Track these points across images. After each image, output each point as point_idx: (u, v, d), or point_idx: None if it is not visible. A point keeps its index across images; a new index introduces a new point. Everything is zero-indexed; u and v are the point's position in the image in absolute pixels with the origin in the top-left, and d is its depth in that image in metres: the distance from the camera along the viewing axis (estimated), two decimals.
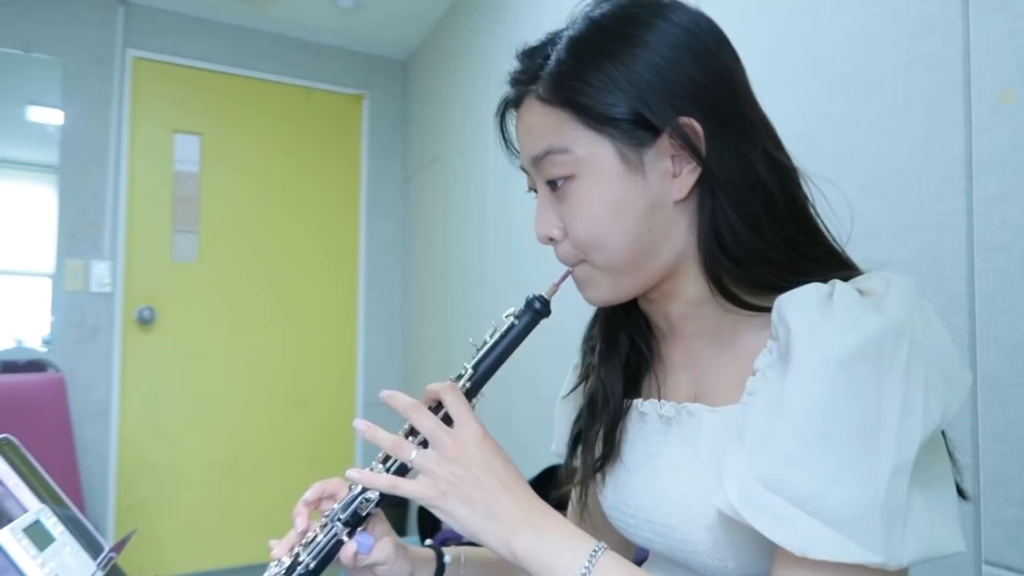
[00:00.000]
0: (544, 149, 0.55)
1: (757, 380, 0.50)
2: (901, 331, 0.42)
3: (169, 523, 2.62)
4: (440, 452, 0.53)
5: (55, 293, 2.47)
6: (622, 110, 0.51)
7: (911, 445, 0.41)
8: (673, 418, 0.57)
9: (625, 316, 0.65)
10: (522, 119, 0.58)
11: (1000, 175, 0.80)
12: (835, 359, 0.42)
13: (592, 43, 0.54)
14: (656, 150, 0.53)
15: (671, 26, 0.53)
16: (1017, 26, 0.79)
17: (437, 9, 2.74)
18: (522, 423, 1.97)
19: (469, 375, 0.57)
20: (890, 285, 0.46)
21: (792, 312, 0.46)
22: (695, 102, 0.52)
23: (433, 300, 2.81)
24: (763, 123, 0.56)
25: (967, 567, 0.82)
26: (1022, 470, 0.77)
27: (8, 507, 0.62)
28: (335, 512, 0.57)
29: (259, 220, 2.89)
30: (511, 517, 0.51)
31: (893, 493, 0.40)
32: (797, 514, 0.41)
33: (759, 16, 1.17)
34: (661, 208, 0.54)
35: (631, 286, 0.57)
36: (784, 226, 0.52)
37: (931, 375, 0.42)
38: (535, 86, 0.56)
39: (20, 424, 2.00)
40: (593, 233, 0.54)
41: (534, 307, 0.58)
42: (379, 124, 3.17)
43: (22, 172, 2.66)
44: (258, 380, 2.84)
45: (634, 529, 0.60)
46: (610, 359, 0.65)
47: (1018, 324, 0.78)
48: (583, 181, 0.54)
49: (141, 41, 2.68)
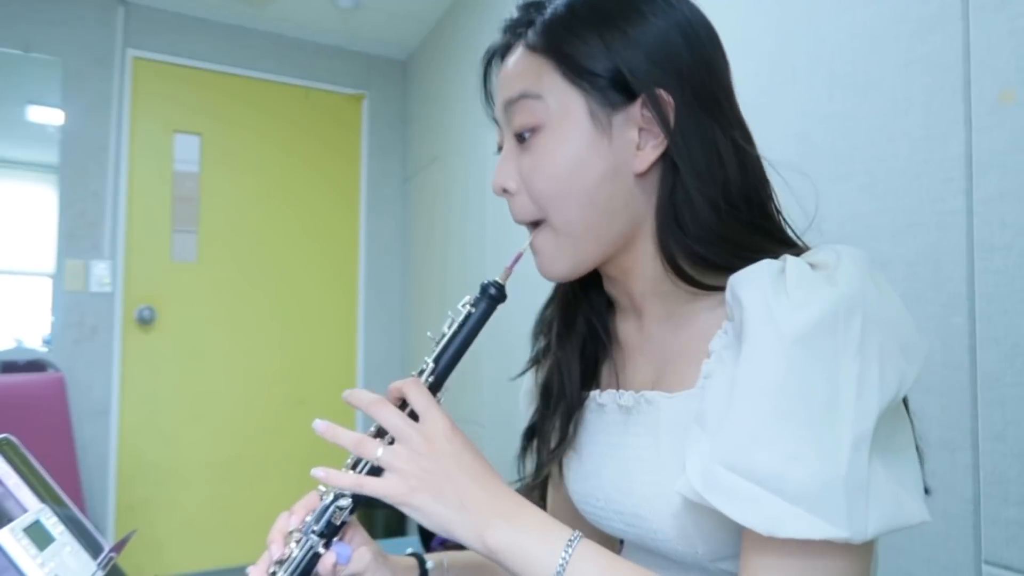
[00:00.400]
0: (519, 92, 0.55)
1: (713, 362, 0.50)
2: (854, 304, 0.42)
3: (169, 523, 2.62)
4: (407, 448, 0.51)
5: (55, 293, 2.47)
6: (603, 66, 0.53)
7: (869, 417, 0.41)
8: (632, 407, 0.57)
9: (584, 296, 0.64)
10: (505, 64, 0.59)
11: (1000, 175, 0.80)
12: (790, 335, 0.42)
13: (591, 4, 0.55)
14: (626, 116, 0.53)
15: (669, 7, 0.54)
16: (1017, 26, 0.79)
17: (437, 9, 2.74)
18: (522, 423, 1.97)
19: (431, 369, 0.56)
20: (840, 257, 0.46)
21: (745, 290, 0.46)
22: (675, 79, 0.53)
23: (433, 300, 2.81)
24: (737, 118, 0.56)
25: (967, 567, 0.82)
26: (1022, 470, 0.77)
27: (8, 507, 0.62)
28: (308, 525, 0.55)
29: (258, 220, 2.89)
30: (484, 510, 0.50)
31: (854, 466, 0.40)
32: (761, 493, 0.41)
33: (759, 16, 1.17)
34: (621, 177, 0.54)
35: (589, 255, 0.56)
36: (740, 211, 0.53)
37: (886, 345, 0.42)
38: (527, 32, 0.57)
39: (20, 424, 2.00)
40: (551, 187, 0.55)
41: (489, 293, 0.56)
42: (379, 124, 3.17)
43: (22, 172, 2.66)
44: (257, 380, 2.84)
45: (606, 521, 0.60)
46: (568, 341, 0.64)
47: (1018, 324, 0.78)
48: (549, 133, 0.54)
49: (141, 41, 2.68)
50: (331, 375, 3.00)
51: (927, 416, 0.86)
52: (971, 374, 0.82)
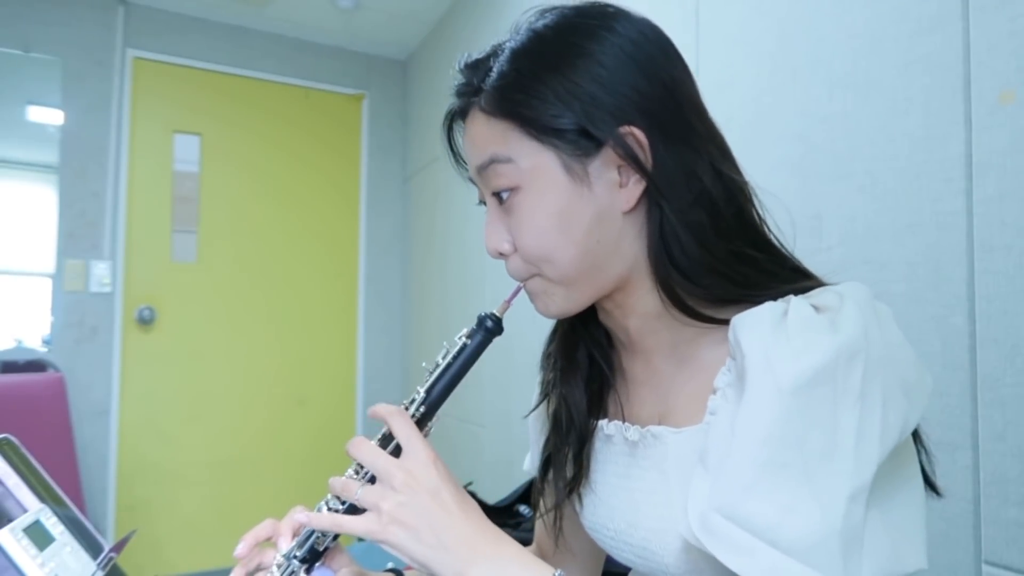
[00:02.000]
0: (488, 158, 0.54)
1: (718, 399, 0.49)
2: (855, 351, 0.42)
3: (168, 523, 2.62)
4: (386, 484, 0.51)
5: (55, 293, 2.47)
6: (565, 122, 0.51)
7: (868, 467, 0.40)
8: (638, 442, 0.57)
9: (584, 330, 0.64)
10: (468, 130, 0.57)
11: (1000, 175, 0.80)
12: (788, 386, 0.41)
13: (534, 55, 0.53)
14: (601, 160, 0.52)
15: (615, 36, 0.52)
16: (1017, 26, 0.79)
17: (437, 9, 2.74)
18: (522, 423, 1.97)
19: (422, 399, 0.56)
20: (844, 300, 0.45)
21: (746, 335, 0.45)
22: (639, 112, 0.51)
23: (433, 300, 2.81)
24: (712, 136, 0.55)
25: (967, 567, 0.82)
26: (1022, 470, 0.77)
27: (8, 507, 0.62)
28: (291, 550, 0.55)
29: (258, 220, 2.89)
30: (464, 546, 0.49)
31: (850, 518, 0.40)
32: (756, 544, 0.41)
33: (759, 16, 1.17)
34: (609, 219, 0.53)
35: (583, 297, 0.56)
36: (732, 238, 0.52)
37: (889, 388, 0.42)
38: (478, 99, 0.55)
39: (20, 424, 2.00)
40: (540, 246, 0.53)
41: (486, 326, 0.56)
42: (379, 124, 3.17)
43: (22, 172, 2.66)
44: (257, 380, 2.84)
45: (616, 551, 0.59)
46: (571, 376, 0.64)
47: (1018, 324, 0.78)
48: (528, 193, 0.53)
49: (141, 41, 2.68)
50: (331, 375, 3.00)
51: (927, 416, 0.86)
52: (971, 374, 0.82)
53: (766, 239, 0.55)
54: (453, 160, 0.63)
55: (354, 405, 3.04)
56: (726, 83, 1.23)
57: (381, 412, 0.55)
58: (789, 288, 0.49)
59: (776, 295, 0.48)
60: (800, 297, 0.47)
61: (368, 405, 3.02)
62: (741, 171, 0.55)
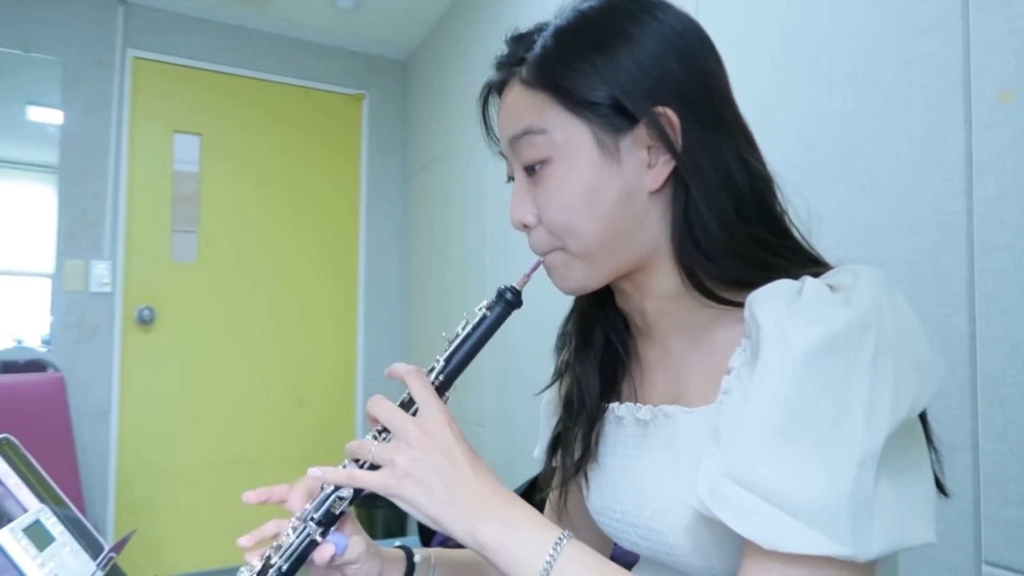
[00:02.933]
0: (523, 128, 0.55)
1: (732, 379, 0.50)
2: (867, 322, 0.42)
3: (169, 523, 2.62)
4: (400, 440, 0.52)
5: (55, 293, 2.47)
6: (602, 95, 0.52)
7: (878, 436, 0.41)
8: (650, 421, 0.57)
9: (600, 311, 0.65)
10: (504, 101, 0.59)
11: (1000, 175, 0.80)
12: (800, 353, 0.42)
13: (578, 32, 0.55)
14: (633, 138, 0.53)
15: (657, 23, 0.54)
16: (1017, 26, 0.79)
17: (437, 9, 2.74)
18: (522, 423, 1.97)
19: (441, 367, 0.56)
20: (858, 278, 0.46)
21: (762, 309, 0.46)
22: (674, 96, 0.52)
23: (433, 299, 2.81)
24: (740, 127, 0.56)
25: (967, 567, 0.82)
26: (1022, 470, 0.77)
27: (8, 507, 0.62)
28: (308, 512, 0.56)
29: (259, 220, 2.89)
30: (474, 504, 0.50)
31: (860, 484, 0.40)
32: (764, 507, 0.41)
33: (759, 16, 1.17)
34: (635, 197, 0.54)
35: (603, 273, 0.57)
36: (753, 224, 0.53)
37: (900, 364, 0.42)
38: (519, 69, 0.57)
39: (20, 424, 2.00)
40: (566, 218, 0.54)
41: (506, 298, 0.57)
42: (378, 124, 3.17)
43: (22, 172, 2.66)
44: (257, 380, 2.84)
45: (621, 533, 0.60)
46: (586, 356, 0.65)
47: (1018, 324, 0.78)
48: (558, 165, 0.54)
49: (141, 41, 2.67)
50: (331, 375, 3.00)
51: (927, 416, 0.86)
52: (971, 374, 0.82)
53: (786, 228, 0.56)
54: (485, 133, 0.64)
55: (354, 405, 3.04)
56: None
57: (399, 371, 0.56)
58: (806, 272, 0.50)
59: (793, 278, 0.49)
60: (815, 278, 0.48)
61: None
62: (766, 163, 0.56)
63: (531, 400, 0.72)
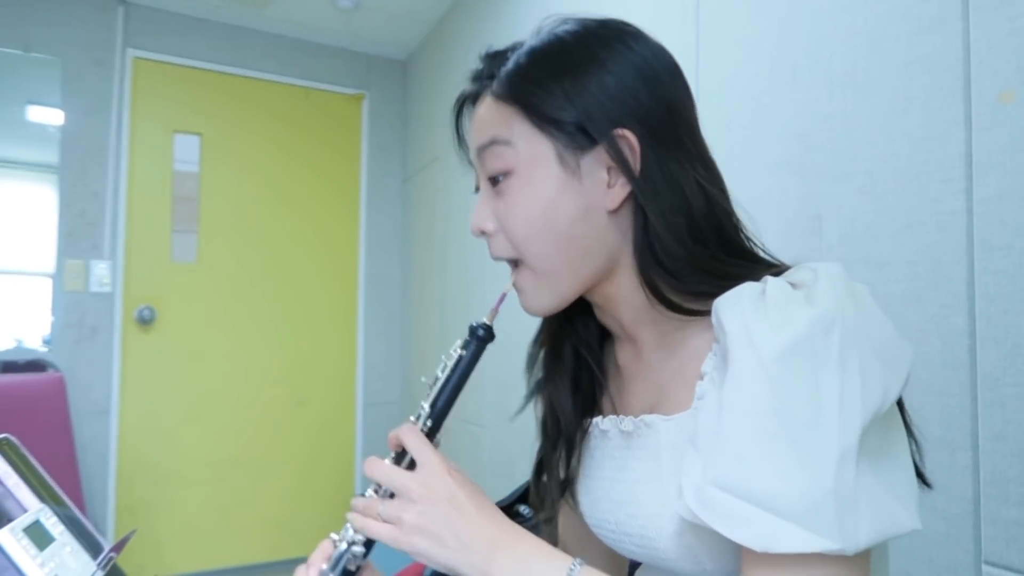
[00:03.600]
0: (490, 138, 0.58)
1: (706, 384, 0.51)
2: (831, 321, 0.43)
3: (169, 523, 2.62)
4: (404, 498, 0.54)
5: (55, 293, 2.47)
6: (566, 115, 0.54)
7: (854, 430, 0.42)
8: (632, 432, 0.59)
9: (570, 327, 0.66)
10: (476, 113, 0.61)
11: (1000, 175, 0.80)
12: (770, 357, 0.43)
13: (552, 55, 0.57)
14: (593, 157, 0.55)
15: (628, 51, 0.56)
16: (1017, 26, 0.79)
17: (437, 9, 2.74)
18: (522, 423, 1.97)
19: (428, 413, 0.58)
20: (818, 275, 0.47)
21: (727, 314, 0.47)
22: (636, 121, 0.54)
23: (433, 300, 2.81)
24: (700, 156, 0.57)
25: (967, 567, 0.82)
26: (1022, 470, 0.77)
27: (8, 507, 0.62)
28: (324, 573, 0.57)
29: (259, 220, 2.89)
30: (484, 546, 0.51)
31: (841, 479, 0.41)
32: (753, 511, 0.42)
33: (759, 16, 1.17)
34: (594, 215, 0.56)
35: (568, 289, 0.58)
36: (708, 245, 0.54)
37: (866, 358, 0.43)
38: (492, 83, 0.59)
39: (20, 424, 2.00)
40: (526, 230, 0.56)
41: (478, 335, 0.59)
42: (379, 124, 3.17)
43: (22, 172, 2.66)
44: (257, 380, 2.84)
45: (618, 544, 0.60)
46: (557, 375, 0.66)
47: (1018, 324, 0.78)
48: (521, 177, 0.56)
49: (141, 41, 2.67)
50: (331, 375, 3.00)
51: (927, 416, 0.86)
52: (971, 374, 0.82)
53: (744, 248, 0.57)
54: (457, 142, 0.66)
55: (354, 405, 3.04)
56: (726, 83, 1.23)
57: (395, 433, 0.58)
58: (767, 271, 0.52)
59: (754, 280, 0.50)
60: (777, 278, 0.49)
61: (368, 405, 3.04)
62: (727, 196, 0.58)
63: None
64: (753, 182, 1.14)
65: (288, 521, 2.80)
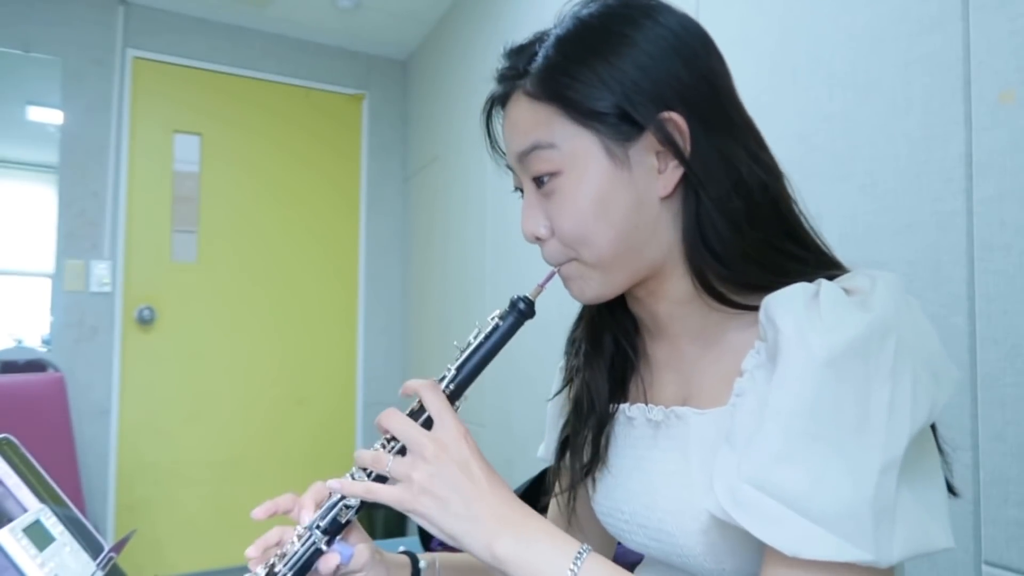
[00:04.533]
0: (531, 144, 0.55)
1: (745, 381, 0.50)
2: (888, 328, 0.42)
3: (169, 523, 2.62)
4: (416, 455, 0.52)
5: (55, 293, 2.47)
6: (608, 104, 0.52)
7: (900, 442, 0.41)
8: (661, 422, 0.57)
9: (610, 316, 0.64)
10: (508, 115, 0.58)
11: (1000, 175, 0.80)
12: (822, 358, 0.42)
13: (580, 40, 0.54)
14: (642, 145, 0.53)
15: (658, 27, 0.53)
16: (1017, 26, 0.79)
17: (437, 9, 2.74)
18: (522, 423, 1.97)
19: (452, 377, 0.57)
20: (875, 283, 0.46)
21: (779, 312, 0.46)
22: (679, 100, 0.52)
23: (433, 299, 2.81)
24: (747, 125, 0.56)
25: (967, 567, 0.82)
26: (1022, 470, 0.77)
27: (8, 507, 0.62)
28: (314, 520, 0.55)
29: (259, 220, 2.89)
30: (492, 519, 0.50)
31: (882, 490, 0.40)
32: (787, 513, 0.41)
33: (759, 16, 1.17)
34: (647, 204, 0.54)
35: (619, 282, 0.56)
36: (766, 226, 0.52)
37: (919, 370, 0.42)
38: (523, 82, 0.56)
39: (20, 424, 2.00)
40: (580, 229, 0.54)
41: (519, 308, 0.57)
42: (379, 124, 3.17)
43: (22, 172, 2.66)
44: (257, 380, 2.84)
45: (629, 535, 0.59)
46: (595, 361, 0.65)
47: (1018, 324, 0.78)
48: (569, 176, 0.54)
49: (141, 41, 2.67)
50: (331, 375, 3.00)
51: None
52: (971, 374, 0.82)
53: (801, 229, 0.55)
54: (490, 147, 0.63)
55: (354, 405, 3.04)
56: None
57: (414, 385, 0.56)
58: (820, 275, 0.50)
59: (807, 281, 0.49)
60: (831, 281, 0.48)
61: (368, 405, 3.04)
62: (777, 163, 0.56)
63: (531, 400, 0.72)
64: None
65: (288, 521, 2.79)
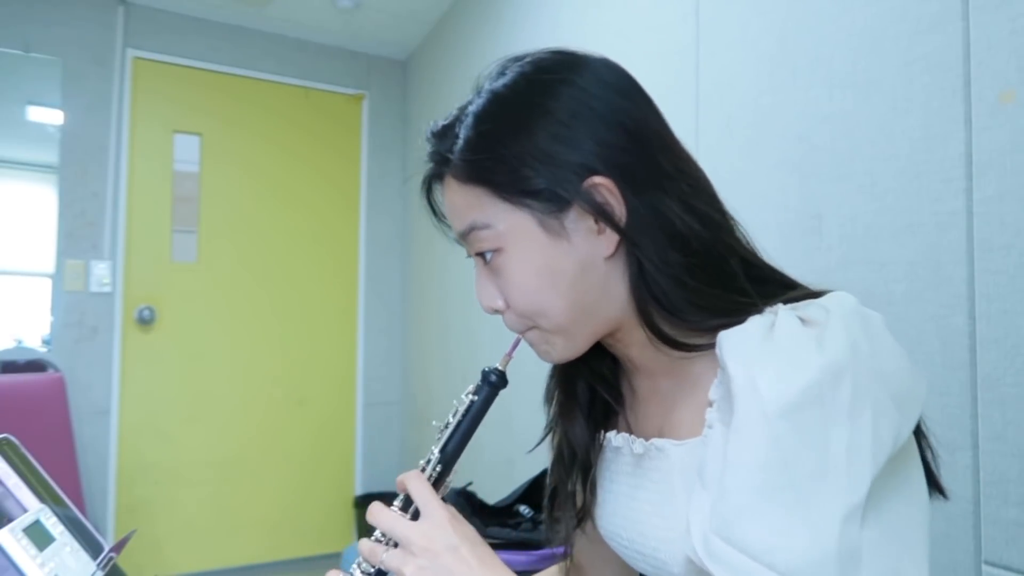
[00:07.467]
0: (468, 226, 0.56)
1: (714, 412, 0.50)
2: (841, 369, 0.42)
3: (169, 523, 2.62)
4: (406, 549, 0.53)
5: (55, 293, 2.47)
6: (532, 183, 0.52)
7: (862, 485, 0.41)
8: (644, 455, 0.58)
9: (582, 363, 0.65)
10: (445, 196, 0.59)
11: (1000, 175, 0.80)
12: (775, 411, 0.42)
13: (495, 118, 0.54)
14: (575, 212, 0.53)
15: (572, 89, 0.53)
16: (1017, 26, 0.79)
17: (437, 9, 2.74)
18: (522, 423, 1.97)
19: (437, 459, 0.58)
20: (830, 314, 0.45)
21: (730, 357, 0.46)
22: (603, 163, 0.52)
23: (433, 300, 2.81)
24: (680, 171, 0.55)
25: (967, 567, 0.82)
26: (1022, 470, 0.77)
27: (8, 507, 0.62)
28: None
29: (259, 220, 2.89)
30: None
31: (846, 538, 0.40)
32: (754, 567, 0.41)
33: (759, 17, 1.17)
34: (593, 267, 0.54)
35: (582, 341, 0.57)
36: (709, 273, 0.52)
37: (880, 402, 0.42)
38: (449, 167, 0.56)
39: (20, 424, 2.00)
40: (530, 302, 0.55)
41: (490, 380, 0.59)
42: (379, 124, 3.17)
43: (22, 172, 2.66)
44: (257, 380, 2.84)
45: (632, 560, 0.60)
46: (571, 410, 0.66)
47: (1018, 324, 0.78)
48: (510, 253, 0.54)
49: (141, 41, 2.67)
50: (331, 375, 3.00)
51: (927, 417, 0.86)
52: (971, 374, 0.82)
53: (752, 265, 0.55)
54: (436, 221, 0.63)
55: (354, 405, 3.04)
56: (726, 83, 1.23)
57: (400, 479, 0.57)
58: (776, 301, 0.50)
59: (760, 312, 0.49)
60: (787, 308, 0.48)
61: (368, 405, 3.04)
62: (718, 200, 0.56)
63: (531, 400, 0.72)
64: (753, 182, 1.14)
65: (288, 521, 2.80)
